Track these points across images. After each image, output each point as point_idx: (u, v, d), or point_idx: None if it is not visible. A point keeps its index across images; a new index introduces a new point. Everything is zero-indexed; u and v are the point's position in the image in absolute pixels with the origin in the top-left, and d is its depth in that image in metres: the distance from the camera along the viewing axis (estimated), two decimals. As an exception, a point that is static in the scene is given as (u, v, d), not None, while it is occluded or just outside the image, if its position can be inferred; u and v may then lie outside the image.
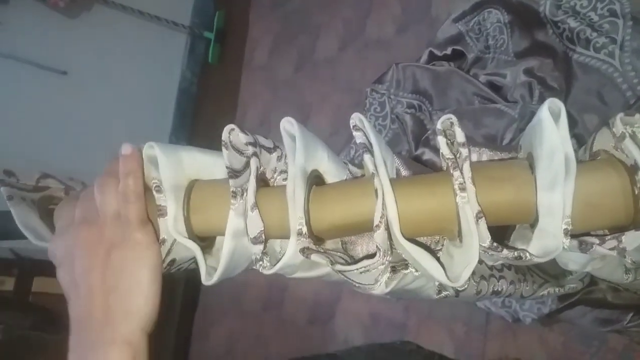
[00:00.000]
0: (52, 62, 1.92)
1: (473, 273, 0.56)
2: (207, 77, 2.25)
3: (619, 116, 0.33)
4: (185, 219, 0.39)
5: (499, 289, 0.58)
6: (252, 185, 0.36)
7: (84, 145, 1.70)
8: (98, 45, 2.03)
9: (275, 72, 1.89)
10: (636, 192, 0.34)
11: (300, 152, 0.36)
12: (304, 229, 0.35)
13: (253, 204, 0.35)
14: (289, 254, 0.35)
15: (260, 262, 0.36)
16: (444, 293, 0.52)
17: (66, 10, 1.87)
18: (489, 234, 0.33)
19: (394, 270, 0.44)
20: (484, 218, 0.33)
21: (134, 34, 2.14)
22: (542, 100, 1.06)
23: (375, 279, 0.38)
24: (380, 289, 0.43)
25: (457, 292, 0.53)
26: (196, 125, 2.15)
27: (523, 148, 0.39)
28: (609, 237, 0.33)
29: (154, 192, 0.39)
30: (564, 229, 0.32)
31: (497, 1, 0.99)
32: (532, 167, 0.36)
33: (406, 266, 0.46)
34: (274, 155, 0.41)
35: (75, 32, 1.98)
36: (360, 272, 0.35)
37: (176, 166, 0.39)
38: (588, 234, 0.36)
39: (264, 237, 0.36)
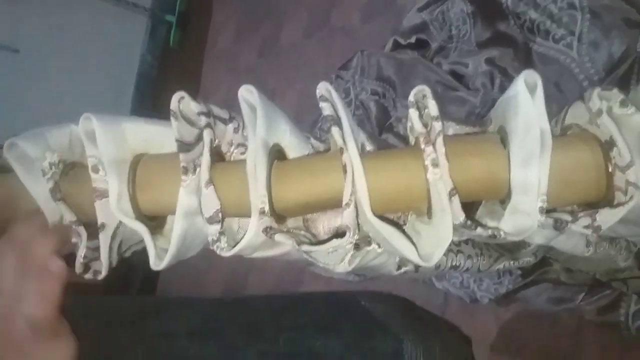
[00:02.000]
0: (3, 40, 1.80)
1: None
2: (168, 61, 2.16)
3: (596, 91, 0.32)
4: (131, 197, 0.35)
5: (457, 264, 0.58)
6: (205, 159, 0.32)
7: (37, 127, 1.58)
8: (53, 25, 1.91)
9: (239, 58, 1.84)
10: (610, 168, 0.33)
11: (261, 123, 0.33)
12: (267, 207, 0.32)
13: (207, 180, 0.32)
14: (251, 234, 0.32)
15: (218, 243, 0.33)
16: (403, 269, 0.51)
17: (18, -15, 1.75)
18: (462, 211, 0.31)
19: (357, 247, 0.42)
20: (457, 195, 0.31)
21: (92, 14, 2.02)
22: (502, 89, 1.08)
23: (342, 258, 0.36)
24: (343, 266, 0.41)
25: (417, 268, 0.52)
26: (155, 110, 2.06)
27: (494, 121, 0.37)
28: (581, 214, 0.33)
29: (91, 172, 0.35)
30: (540, 207, 0.31)
31: (460, -9, 0.99)
32: (504, 141, 0.35)
33: (369, 243, 0.44)
34: (230, 126, 0.38)
35: (27, 9, 1.86)
36: (329, 253, 0.33)
37: (118, 139, 0.35)
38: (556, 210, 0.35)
39: (220, 216, 0.33)
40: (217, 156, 0.37)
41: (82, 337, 0.43)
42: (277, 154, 0.36)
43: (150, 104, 2.09)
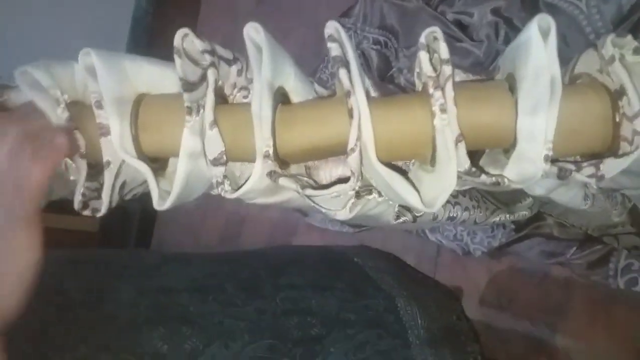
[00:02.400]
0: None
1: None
2: (163, 7, 2.08)
3: (610, 37, 0.31)
4: (133, 137, 0.35)
5: (454, 215, 0.59)
6: (210, 100, 0.32)
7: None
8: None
9: (236, 3, 1.77)
10: (617, 118, 0.32)
11: (267, 64, 0.32)
12: (271, 151, 0.32)
13: (212, 121, 0.32)
14: (255, 177, 0.32)
15: (222, 186, 0.33)
16: (402, 218, 0.52)
17: None
18: (468, 158, 0.31)
19: (357, 195, 0.43)
20: (463, 142, 0.31)
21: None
22: (507, 41, 1.05)
23: (344, 204, 0.36)
24: (344, 213, 0.41)
25: (415, 218, 0.53)
26: (150, 56, 2.00)
27: (502, 69, 0.36)
28: (585, 163, 0.33)
29: (94, 108, 0.34)
30: (545, 155, 0.31)
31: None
32: (512, 89, 0.34)
33: (370, 191, 0.45)
34: (234, 68, 0.37)
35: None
36: (332, 197, 0.33)
37: (119, 76, 0.34)
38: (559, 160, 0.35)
39: (225, 158, 0.32)
40: (220, 98, 0.36)
41: (84, 287, 0.44)
42: (281, 98, 0.36)
43: (145, 50, 2.04)
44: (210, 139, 0.32)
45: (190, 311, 0.44)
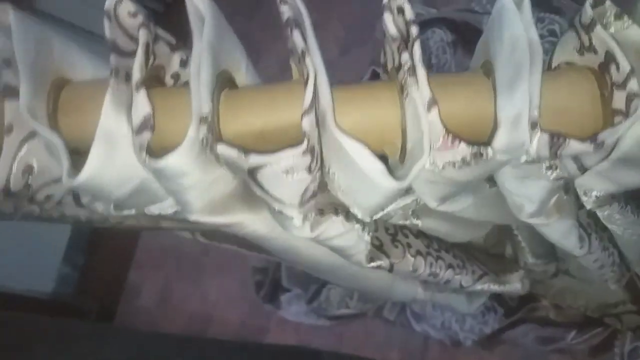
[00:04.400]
0: None
1: (409, 246, 0.50)
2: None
3: (588, 3, 0.29)
4: (50, 115, 0.29)
5: (437, 271, 0.53)
6: (139, 58, 0.27)
7: None
8: None
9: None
10: (606, 93, 0.29)
11: (210, 29, 0.28)
12: (209, 117, 0.27)
13: (139, 81, 0.27)
14: (187, 143, 0.26)
15: (143, 153, 0.26)
16: (377, 262, 0.45)
17: None
18: (443, 125, 0.26)
19: (321, 213, 0.37)
20: (436, 106, 0.26)
21: None
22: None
23: (300, 199, 0.30)
24: (305, 231, 0.35)
25: (392, 266, 0.47)
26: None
27: (475, 59, 0.33)
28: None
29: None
30: (532, 122, 0.26)
31: (440, 21, 1.00)
32: (487, 74, 0.31)
33: (335, 211, 0.39)
34: (177, 56, 0.33)
35: None
36: (285, 176, 0.27)
37: (41, 46, 0.29)
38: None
39: (152, 121, 0.27)
40: (157, 82, 0.32)
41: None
42: (228, 84, 0.32)
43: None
44: (137, 103, 0.27)
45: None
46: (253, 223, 0.40)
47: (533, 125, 0.26)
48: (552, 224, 0.41)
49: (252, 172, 0.27)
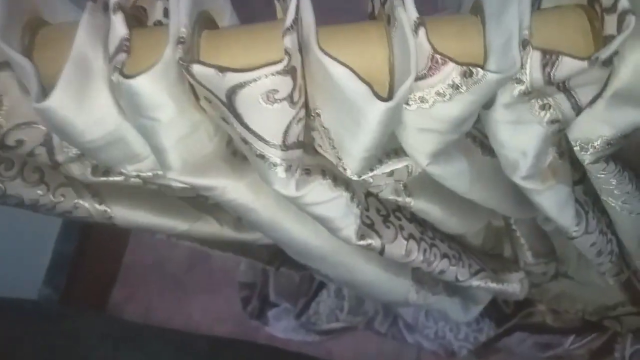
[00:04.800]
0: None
1: (401, 228, 0.48)
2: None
3: None
4: (25, 51, 0.28)
5: (431, 258, 0.51)
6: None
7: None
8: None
9: None
10: (597, 25, 0.28)
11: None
12: (187, 39, 0.26)
13: (116, 3, 0.26)
14: (163, 61, 0.25)
15: (117, 73, 0.25)
16: (367, 240, 0.43)
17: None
18: (430, 45, 0.25)
19: (307, 172, 0.35)
20: (424, 27, 0.25)
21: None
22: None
23: (283, 138, 0.28)
24: (290, 187, 0.33)
25: (383, 247, 0.45)
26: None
27: (464, 8, 0.33)
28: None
29: None
30: (523, 40, 0.25)
31: None
32: (477, 14, 0.30)
33: (323, 174, 0.37)
34: (160, 3, 0.32)
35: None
36: (265, 105, 0.25)
37: None
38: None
39: (128, 44, 0.25)
40: (138, 23, 0.31)
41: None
42: (210, 25, 0.31)
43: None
44: (113, 25, 0.25)
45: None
46: (235, 189, 0.39)
47: (524, 44, 0.25)
48: (547, 191, 0.40)
49: (230, 98, 0.26)
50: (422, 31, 0.25)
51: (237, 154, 0.38)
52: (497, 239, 0.73)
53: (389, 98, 0.29)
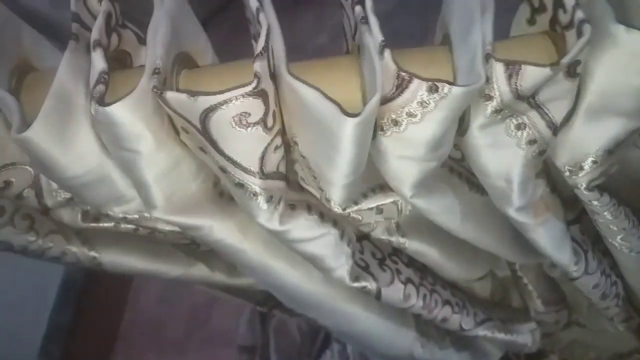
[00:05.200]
0: None
1: (398, 272, 0.47)
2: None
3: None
4: (12, 92, 0.29)
5: (432, 305, 0.49)
6: (99, 22, 0.28)
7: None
8: None
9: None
10: (560, 45, 0.29)
11: (171, 2, 0.29)
12: (162, 71, 0.27)
13: (97, 40, 0.27)
14: (138, 90, 0.26)
15: (95, 103, 0.26)
16: (362, 282, 0.42)
17: None
18: (395, 64, 0.26)
19: (292, 207, 0.35)
20: (389, 49, 0.26)
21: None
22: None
23: (260, 163, 0.28)
24: (273, 221, 0.33)
25: (379, 291, 0.43)
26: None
27: (436, 40, 0.34)
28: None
29: None
30: (486, 54, 0.26)
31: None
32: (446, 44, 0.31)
33: (309, 209, 0.37)
34: (145, 48, 0.34)
35: None
36: (238, 130, 0.26)
37: (4, 25, 0.30)
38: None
39: (107, 77, 0.27)
40: (122, 66, 0.32)
41: None
42: (190, 65, 0.32)
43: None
44: (93, 61, 0.27)
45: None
46: (222, 230, 0.38)
47: (487, 57, 0.26)
48: (541, 226, 0.39)
49: (204, 123, 0.26)
50: (387, 52, 0.26)
51: (224, 195, 0.38)
52: (505, 290, 0.71)
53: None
